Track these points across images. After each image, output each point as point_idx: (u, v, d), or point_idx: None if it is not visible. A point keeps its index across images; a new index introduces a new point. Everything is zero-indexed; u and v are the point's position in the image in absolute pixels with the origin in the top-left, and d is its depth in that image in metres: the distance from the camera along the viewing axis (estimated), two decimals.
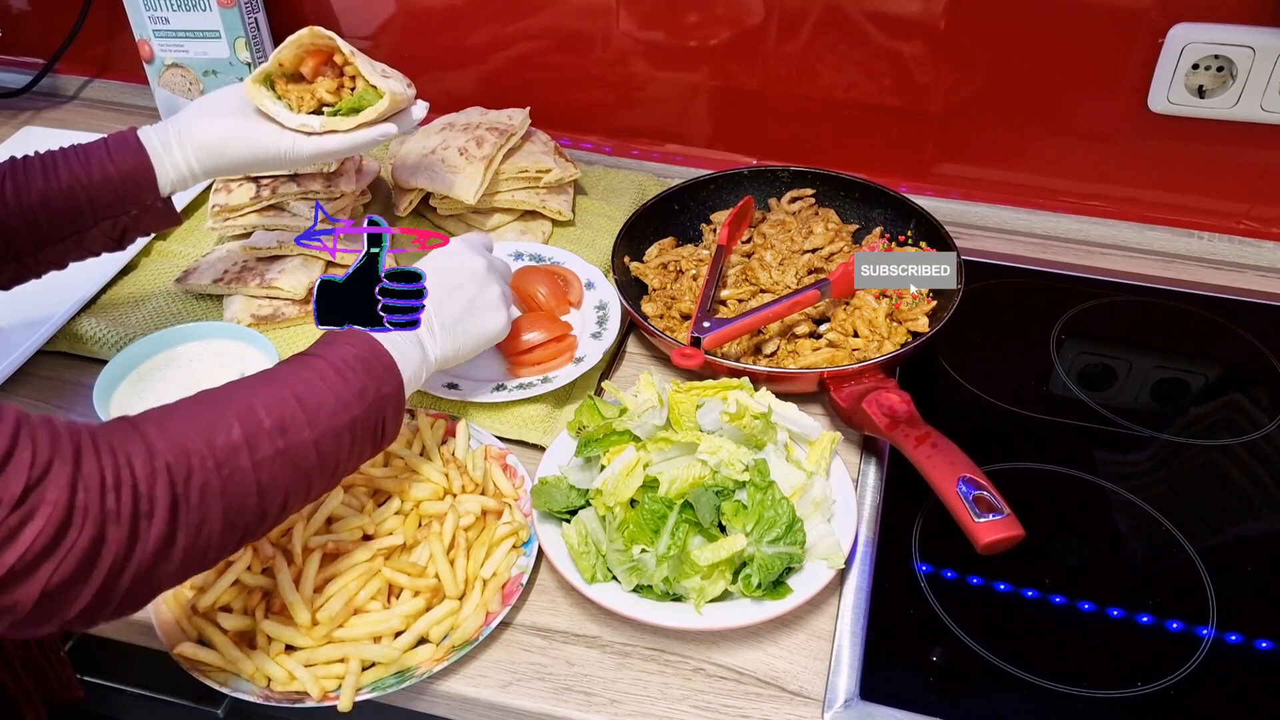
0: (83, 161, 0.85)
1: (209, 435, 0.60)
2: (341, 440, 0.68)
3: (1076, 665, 0.74)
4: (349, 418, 0.69)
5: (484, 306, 0.84)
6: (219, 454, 0.60)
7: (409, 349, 0.76)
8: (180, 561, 0.58)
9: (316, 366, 0.69)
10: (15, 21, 1.48)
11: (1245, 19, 1.02)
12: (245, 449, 0.62)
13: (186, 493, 0.58)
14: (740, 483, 0.78)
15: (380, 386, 0.72)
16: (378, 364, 0.72)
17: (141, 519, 0.55)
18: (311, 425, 0.66)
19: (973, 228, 1.21)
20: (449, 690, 0.74)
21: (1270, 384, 0.99)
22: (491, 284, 0.85)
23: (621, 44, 1.23)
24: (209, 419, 0.61)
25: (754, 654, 0.76)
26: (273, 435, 0.63)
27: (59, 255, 0.88)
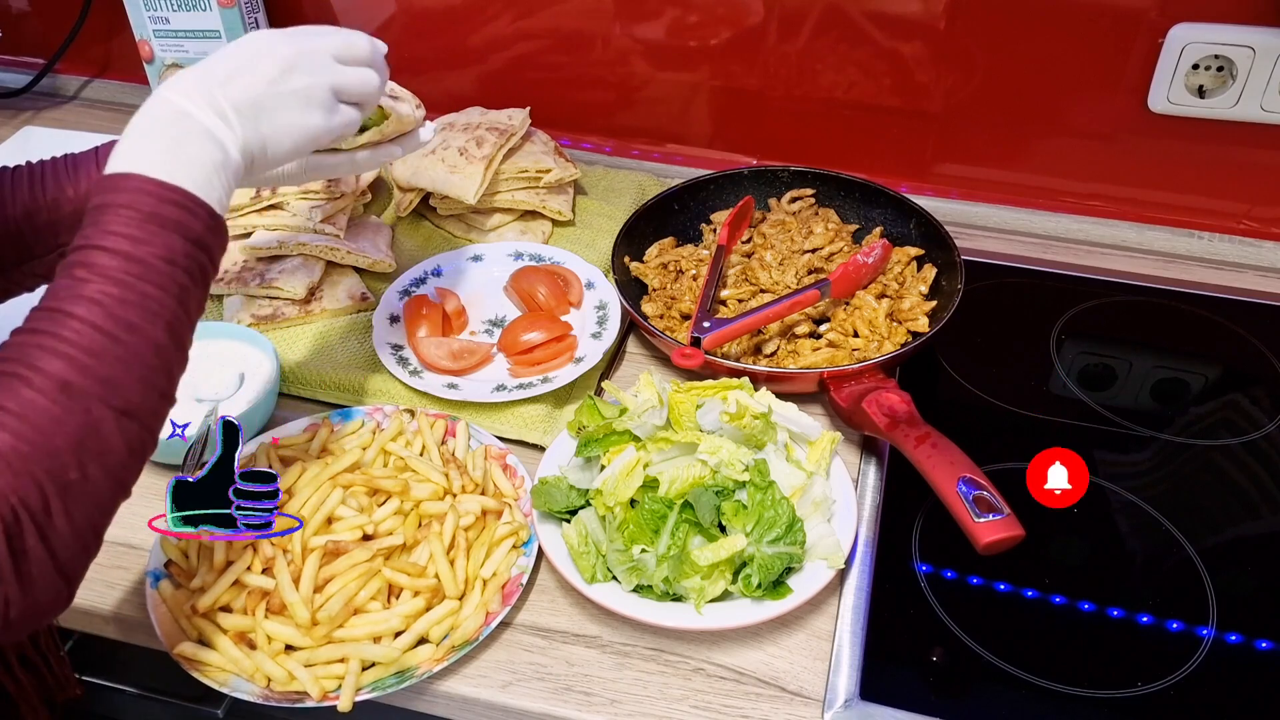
0: (70, 173, 0.81)
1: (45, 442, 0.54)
2: (177, 330, 0.61)
3: (1076, 665, 0.74)
4: (170, 303, 0.60)
5: (289, 92, 0.70)
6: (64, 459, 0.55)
7: (198, 153, 0.64)
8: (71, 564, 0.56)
9: (106, 268, 0.58)
10: (15, 21, 1.48)
11: (1245, 19, 1.02)
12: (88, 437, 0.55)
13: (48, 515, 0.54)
14: (740, 483, 0.78)
15: (186, 232, 0.61)
16: (171, 209, 0.61)
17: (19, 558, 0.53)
18: (138, 352, 0.58)
19: (973, 228, 1.21)
20: (449, 690, 0.74)
21: (1270, 384, 0.99)
22: (296, 66, 0.70)
23: (621, 44, 1.23)
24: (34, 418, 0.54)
25: (754, 654, 0.76)
26: (105, 399, 0.56)
27: (47, 269, 0.83)
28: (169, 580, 0.79)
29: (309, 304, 1.06)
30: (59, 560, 0.55)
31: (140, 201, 0.61)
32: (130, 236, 0.59)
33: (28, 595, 0.54)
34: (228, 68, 0.68)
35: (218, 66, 0.68)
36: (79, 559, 0.57)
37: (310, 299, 1.07)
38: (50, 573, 0.55)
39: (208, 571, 0.77)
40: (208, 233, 0.63)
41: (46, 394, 0.55)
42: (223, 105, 0.66)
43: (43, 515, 0.54)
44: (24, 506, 0.53)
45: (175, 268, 0.61)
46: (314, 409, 0.97)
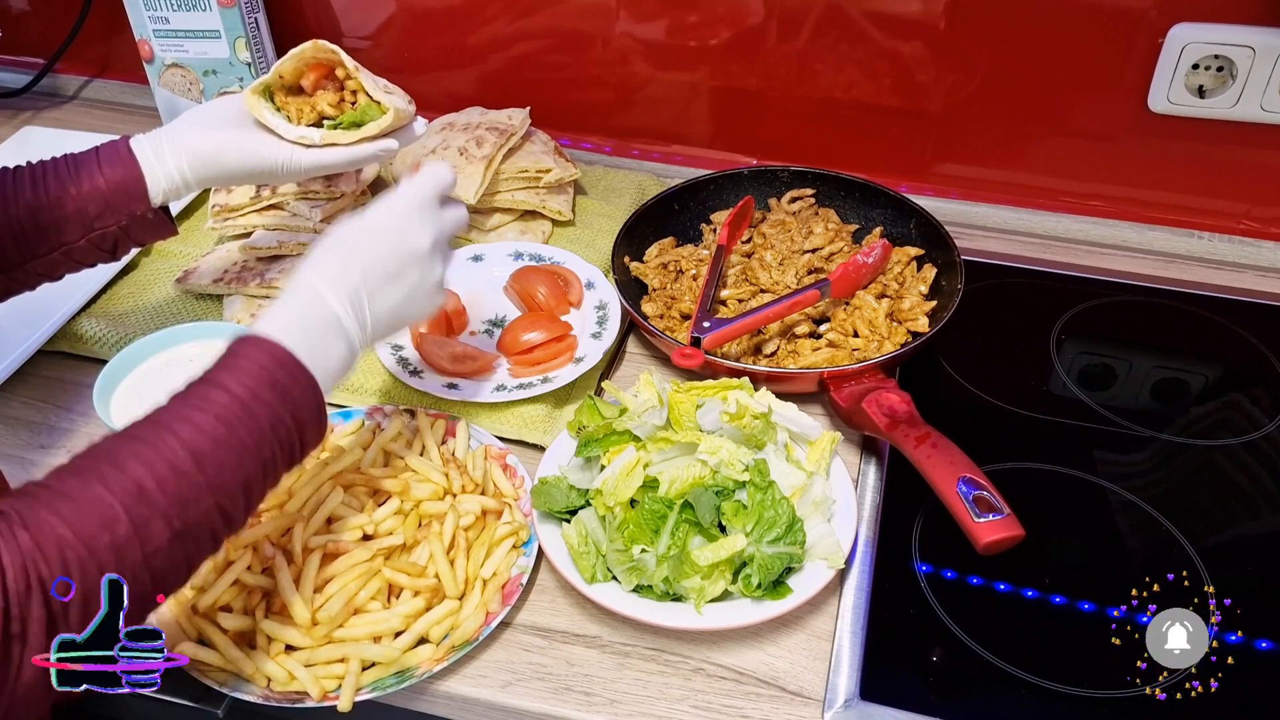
0: (72, 172, 0.82)
1: (92, 534, 0.53)
2: (252, 489, 0.62)
3: (1076, 665, 0.74)
4: (260, 462, 0.62)
5: (423, 294, 0.75)
6: (103, 557, 0.53)
7: (332, 347, 0.68)
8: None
9: (219, 405, 0.61)
10: (15, 21, 1.48)
11: (1245, 19, 1.02)
12: (135, 543, 0.55)
13: (65, 609, 0.52)
14: (740, 483, 0.78)
15: (297, 412, 0.64)
16: (293, 384, 0.64)
17: (14, 642, 0.50)
18: (215, 489, 0.59)
19: (973, 228, 1.21)
20: (449, 690, 0.74)
21: (1270, 384, 0.99)
22: (435, 266, 0.75)
23: (621, 44, 1.23)
24: (92, 510, 0.54)
25: (754, 654, 0.76)
26: (168, 518, 0.56)
27: (49, 267, 0.85)
28: None
29: None
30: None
31: (274, 368, 0.63)
32: (252, 390, 0.62)
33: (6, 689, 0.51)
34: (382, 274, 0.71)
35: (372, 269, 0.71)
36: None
37: None
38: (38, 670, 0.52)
39: (208, 571, 0.77)
40: (311, 420, 0.66)
41: (117, 493, 0.55)
42: (367, 318, 0.71)
43: (59, 607, 0.52)
44: (41, 589, 0.52)
45: (275, 436, 0.63)
46: None
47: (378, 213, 0.74)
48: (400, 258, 0.73)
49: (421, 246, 0.74)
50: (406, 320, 0.75)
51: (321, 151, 0.89)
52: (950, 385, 1.00)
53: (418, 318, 0.77)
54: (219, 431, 0.60)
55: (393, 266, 0.72)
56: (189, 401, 0.61)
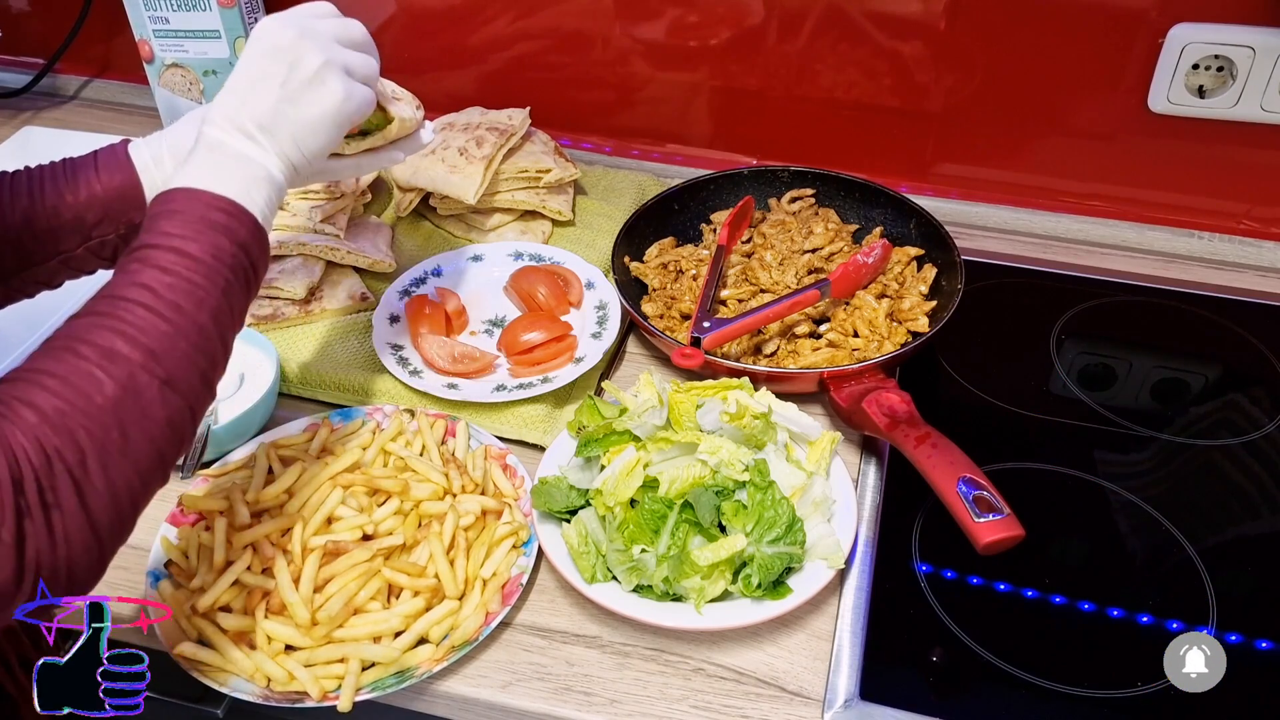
0: (70, 179, 0.81)
1: (84, 401, 0.56)
2: (220, 323, 0.64)
3: (1076, 665, 0.74)
4: (218, 294, 0.64)
5: (300, 84, 0.72)
6: (103, 419, 0.57)
7: (240, 171, 0.69)
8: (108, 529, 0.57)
9: (158, 261, 0.63)
10: (15, 21, 1.48)
11: (1245, 19, 1.02)
12: (129, 399, 0.58)
13: (85, 473, 0.55)
14: (740, 483, 0.78)
15: (233, 235, 0.66)
16: (218, 214, 0.66)
17: (52, 511, 0.54)
18: (184, 332, 0.61)
19: (973, 228, 1.21)
20: (449, 690, 0.74)
21: (1270, 384, 0.99)
22: (302, 55, 0.72)
23: (621, 44, 1.23)
24: (76, 381, 0.57)
25: (754, 654, 0.76)
26: (149, 368, 0.59)
27: (48, 275, 0.83)
28: (169, 580, 0.79)
29: (309, 304, 1.06)
30: (94, 519, 0.56)
31: (190, 207, 0.65)
32: (181, 235, 0.64)
33: (59, 550, 0.54)
34: (241, 86, 0.71)
35: (234, 87, 0.72)
36: (115, 523, 0.58)
37: (310, 299, 1.07)
38: (84, 529, 0.55)
39: (208, 571, 0.77)
40: (251, 238, 0.67)
41: (91, 359, 0.58)
42: (248, 127, 0.70)
43: (79, 470, 0.55)
44: (60, 459, 0.54)
45: (221, 264, 0.64)
46: (314, 409, 0.97)
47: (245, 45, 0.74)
48: (258, 57, 0.72)
49: (278, 36, 0.72)
50: (306, 112, 0.72)
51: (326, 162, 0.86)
52: (950, 385, 1.00)
53: (322, 108, 0.73)
54: (165, 280, 0.62)
55: (254, 70, 0.72)
56: (129, 268, 0.63)
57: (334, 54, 0.74)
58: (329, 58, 0.73)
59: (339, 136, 0.76)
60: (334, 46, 0.74)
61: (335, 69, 0.73)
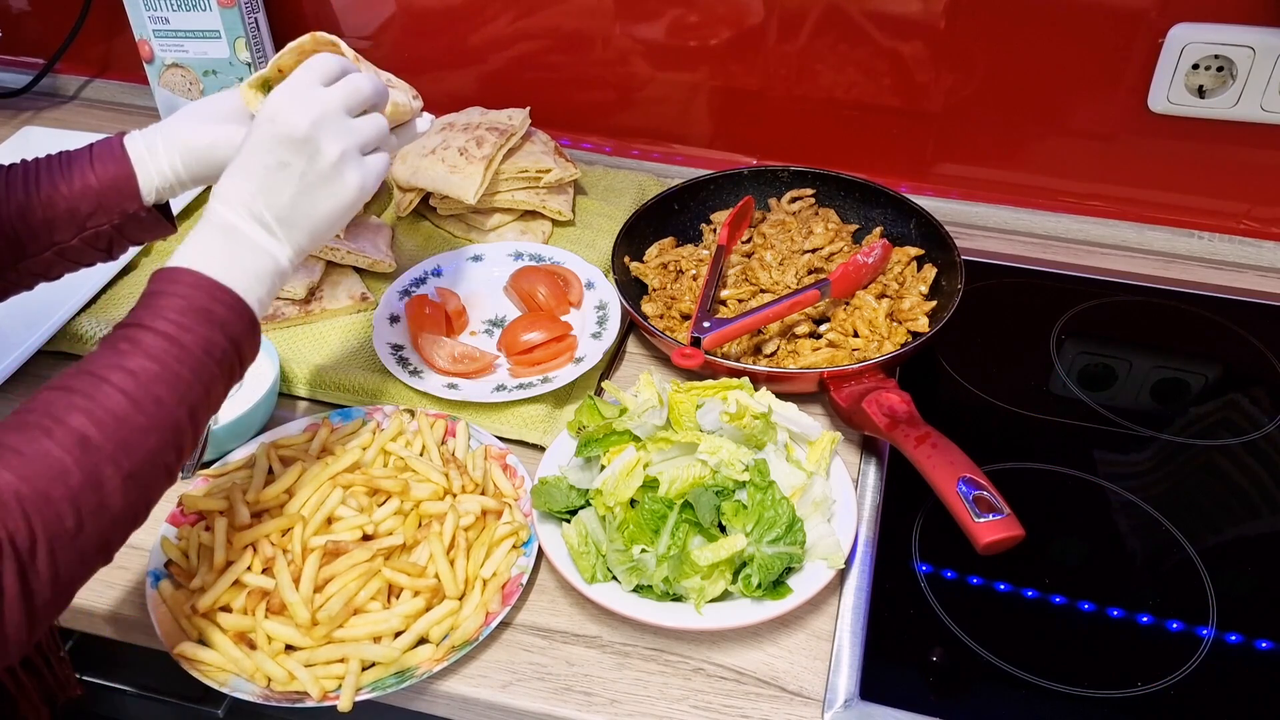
0: (64, 170, 0.81)
1: (46, 487, 0.55)
2: (198, 415, 0.64)
3: (1076, 665, 0.74)
4: (201, 389, 0.63)
5: (318, 178, 0.71)
6: (60, 508, 0.56)
7: (251, 263, 0.68)
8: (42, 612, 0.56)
9: (146, 345, 0.62)
10: (15, 21, 1.48)
11: (1245, 19, 1.02)
12: (89, 491, 0.57)
13: (33, 559, 0.55)
14: (740, 483, 0.78)
15: (227, 330, 0.65)
16: (219, 307, 0.65)
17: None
18: (158, 427, 0.61)
19: (973, 228, 1.21)
20: (449, 690, 0.74)
21: (1270, 384, 0.99)
22: (320, 147, 0.71)
23: (621, 44, 1.23)
24: (41, 464, 0.56)
25: (754, 654, 0.76)
26: (116, 461, 0.58)
27: (44, 267, 0.83)
28: (169, 580, 0.79)
29: (309, 304, 1.06)
30: (32, 603, 0.55)
31: (192, 295, 0.65)
32: (177, 323, 0.63)
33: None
34: (256, 171, 0.70)
35: (250, 170, 0.70)
36: (50, 607, 0.57)
37: (310, 299, 1.07)
38: (19, 614, 0.55)
39: (208, 571, 0.77)
40: (245, 334, 0.67)
41: (62, 444, 0.57)
42: (265, 218, 0.70)
43: (27, 556, 0.54)
44: (10, 542, 0.54)
45: (210, 359, 0.64)
46: (314, 409, 0.97)
47: (255, 121, 0.72)
48: (275, 144, 0.70)
49: (295, 126, 0.70)
50: (322, 206, 0.72)
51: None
52: (950, 385, 1.00)
53: (338, 204, 0.72)
54: (151, 369, 0.61)
55: (271, 159, 0.70)
56: (118, 347, 0.62)
57: (349, 139, 0.72)
58: (345, 147, 0.72)
59: (351, 218, 0.75)
60: (347, 128, 0.72)
61: (352, 158, 0.72)
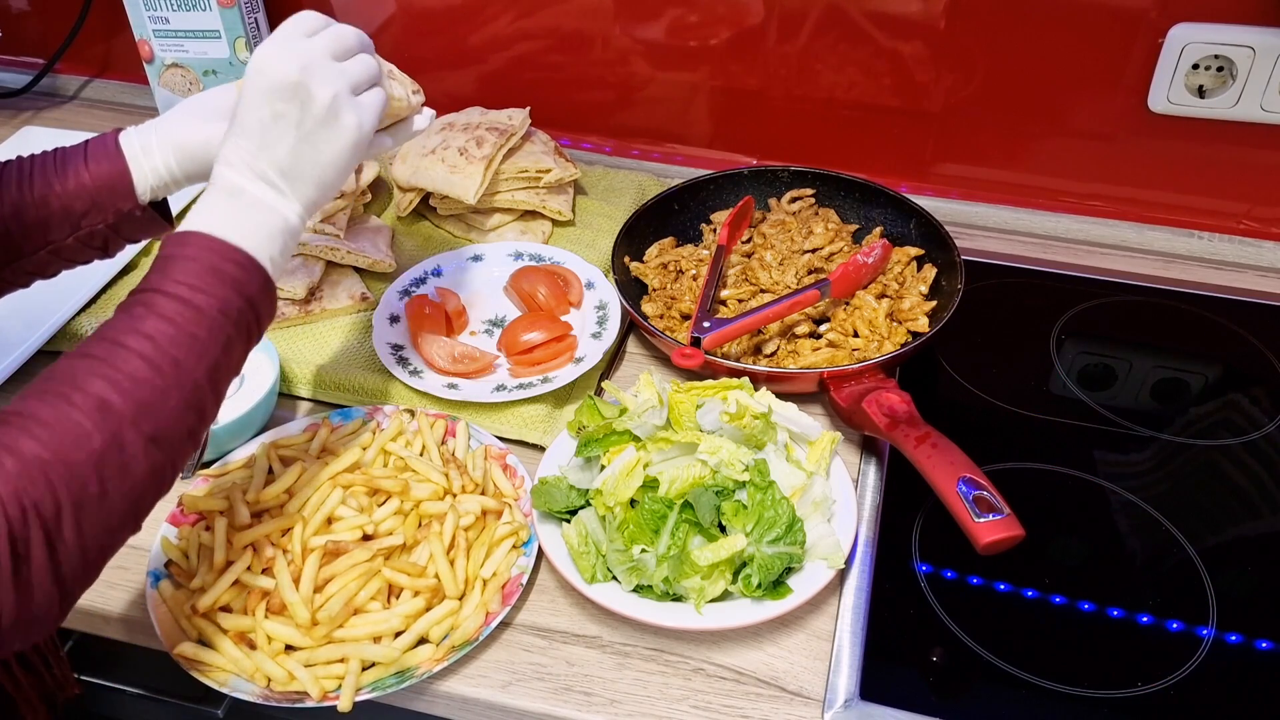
0: (59, 168, 0.80)
1: (67, 452, 0.55)
2: (218, 376, 0.64)
3: (1076, 665, 0.74)
4: (218, 348, 0.63)
5: (315, 124, 0.69)
6: (84, 472, 0.56)
7: (260, 221, 0.68)
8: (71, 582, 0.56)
9: (161, 307, 0.62)
10: (15, 21, 1.48)
11: (1245, 19, 1.02)
12: (112, 454, 0.57)
13: (59, 526, 0.54)
14: (740, 483, 0.78)
15: (242, 289, 0.65)
16: (231, 267, 0.65)
17: (21, 564, 0.53)
18: (178, 387, 0.60)
19: (973, 228, 1.21)
20: (449, 690, 0.74)
21: (1270, 384, 0.99)
22: (312, 91, 0.69)
23: (621, 44, 1.23)
24: (62, 430, 0.56)
25: (754, 654, 0.76)
26: (137, 424, 0.58)
27: (39, 266, 0.82)
28: (169, 580, 0.79)
29: (309, 304, 1.06)
30: (61, 573, 0.55)
31: (203, 256, 0.64)
32: (190, 285, 0.63)
33: (23, 604, 0.53)
34: (253, 128, 0.69)
35: (246, 128, 0.69)
36: (80, 577, 0.57)
37: (310, 299, 1.07)
38: (49, 584, 0.55)
39: (208, 571, 0.77)
40: (260, 293, 0.67)
41: (82, 409, 0.57)
42: (269, 174, 0.69)
43: (54, 524, 0.54)
44: (36, 512, 0.53)
45: (226, 319, 0.64)
46: (314, 409, 0.97)
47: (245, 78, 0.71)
48: (267, 96, 0.69)
49: (284, 74, 0.69)
50: (324, 152, 0.70)
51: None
52: (950, 385, 1.00)
53: (341, 148, 0.71)
54: (167, 332, 0.61)
55: (265, 112, 0.69)
56: (133, 312, 0.62)
57: (340, 81, 0.71)
58: (336, 89, 0.70)
59: (356, 164, 0.74)
60: (336, 71, 0.71)
61: (345, 99, 0.71)
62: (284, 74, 0.69)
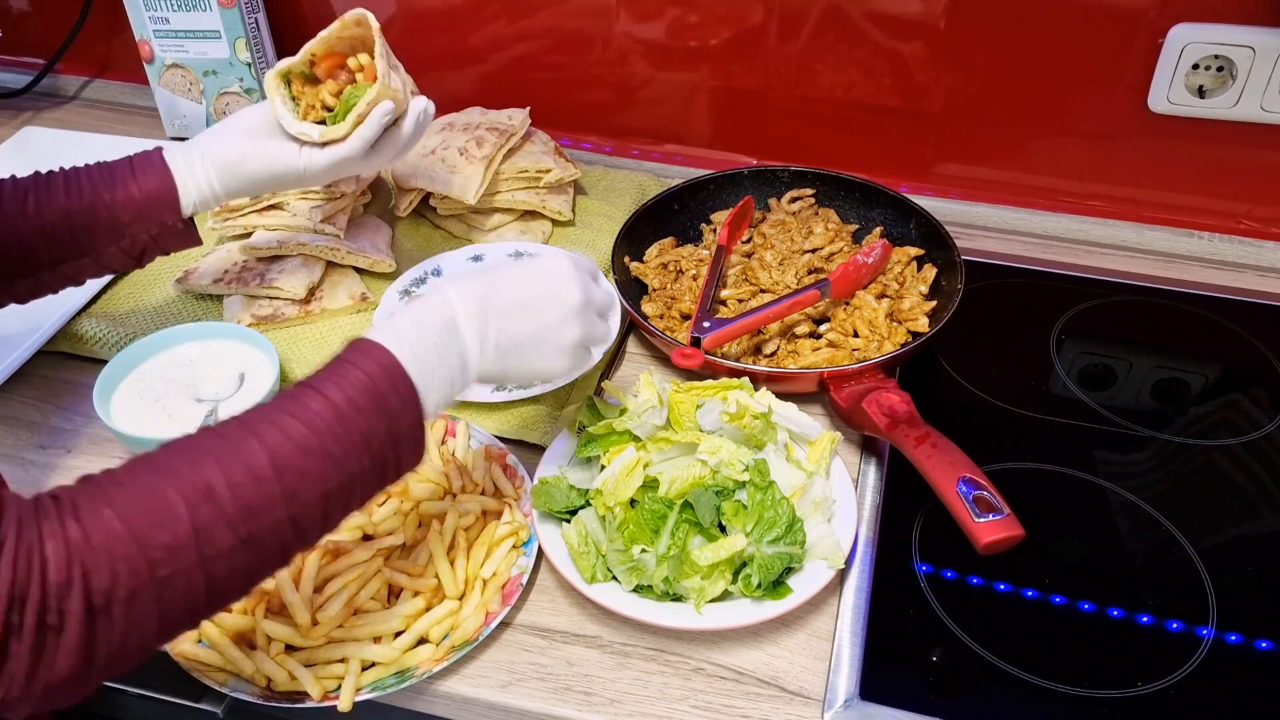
0: (106, 178, 0.84)
1: (146, 531, 0.52)
2: (332, 503, 0.59)
3: (1076, 665, 0.74)
4: (345, 475, 0.59)
5: (553, 346, 0.71)
6: (155, 555, 0.51)
7: (444, 360, 0.65)
8: (105, 665, 0.52)
9: (312, 412, 0.58)
10: (15, 21, 1.48)
11: (1245, 19, 1.02)
12: (193, 545, 0.53)
13: (107, 604, 0.50)
14: (740, 483, 0.78)
15: (393, 425, 0.61)
16: (394, 396, 0.61)
17: (49, 634, 0.49)
18: (290, 499, 0.56)
19: (973, 228, 1.21)
20: (449, 690, 0.74)
21: (1270, 384, 0.99)
22: (572, 325, 0.71)
23: (621, 44, 1.23)
24: (152, 506, 0.52)
25: (754, 654, 0.76)
26: (234, 524, 0.54)
27: (76, 271, 0.86)
28: None
29: (309, 304, 1.06)
30: (93, 651, 0.51)
31: (378, 377, 0.61)
32: (350, 399, 0.59)
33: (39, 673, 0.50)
34: (507, 297, 0.69)
35: (506, 292, 0.69)
36: (114, 662, 0.52)
37: (310, 299, 1.07)
38: (77, 660, 0.51)
39: None
40: (408, 435, 0.62)
41: (182, 490, 0.54)
42: (490, 338, 0.68)
43: (100, 600, 0.51)
44: (83, 583, 0.50)
45: (367, 449, 0.60)
46: None
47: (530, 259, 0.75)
48: (539, 289, 0.70)
49: (569, 298, 0.71)
50: (532, 362, 0.71)
51: (336, 150, 0.88)
52: (950, 385, 1.00)
53: (545, 370, 0.72)
54: (305, 438, 0.57)
55: (528, 294, 0.70)
56: (283, 405, 0.59)
57: (589, 332, 0.73)
58: (582, 337, 0.72)
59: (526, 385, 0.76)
60: (593, 323, 0.73)
61: (578, 348, 0.73)
62: (569, 292, 0.71)
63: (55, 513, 0.51)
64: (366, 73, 0.89)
